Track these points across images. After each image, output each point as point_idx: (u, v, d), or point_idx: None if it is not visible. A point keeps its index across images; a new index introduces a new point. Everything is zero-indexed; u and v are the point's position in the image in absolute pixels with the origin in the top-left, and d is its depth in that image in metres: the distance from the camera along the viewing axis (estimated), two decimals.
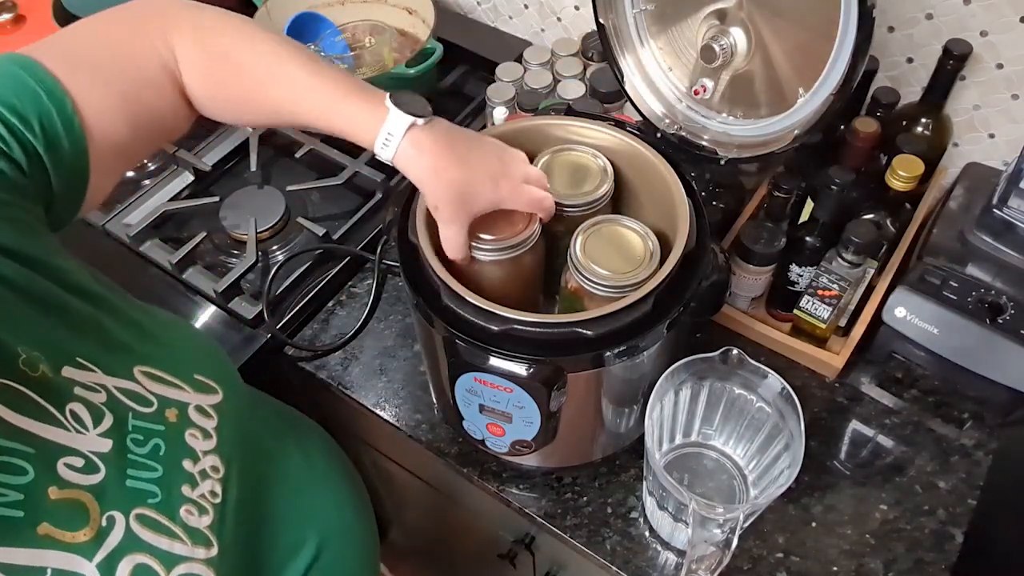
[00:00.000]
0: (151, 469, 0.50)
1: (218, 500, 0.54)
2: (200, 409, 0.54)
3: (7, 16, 1.18)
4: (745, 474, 0.76)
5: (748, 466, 0.76)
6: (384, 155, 0.58)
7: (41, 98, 0.48)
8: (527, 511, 0.78)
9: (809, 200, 0.85)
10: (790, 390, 0.67)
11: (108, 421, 0.48)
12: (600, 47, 0.81)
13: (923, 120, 0.86)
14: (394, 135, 0.57)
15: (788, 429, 0.68)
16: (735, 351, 0.69)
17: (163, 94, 0.56)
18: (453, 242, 0.62)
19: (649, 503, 0.74)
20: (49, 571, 0.43)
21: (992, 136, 0.91)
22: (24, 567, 0.42)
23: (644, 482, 0.76)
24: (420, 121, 0.58)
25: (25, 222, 0.48)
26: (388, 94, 0.59)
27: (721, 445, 0.78)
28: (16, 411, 0.44)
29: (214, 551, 0.52)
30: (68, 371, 0.47)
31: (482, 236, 0.65)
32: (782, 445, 0.69)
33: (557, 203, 0.69)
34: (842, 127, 0.87)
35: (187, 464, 0.52)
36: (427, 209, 0.67)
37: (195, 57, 0.56)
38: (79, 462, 0.46)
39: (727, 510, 0.60)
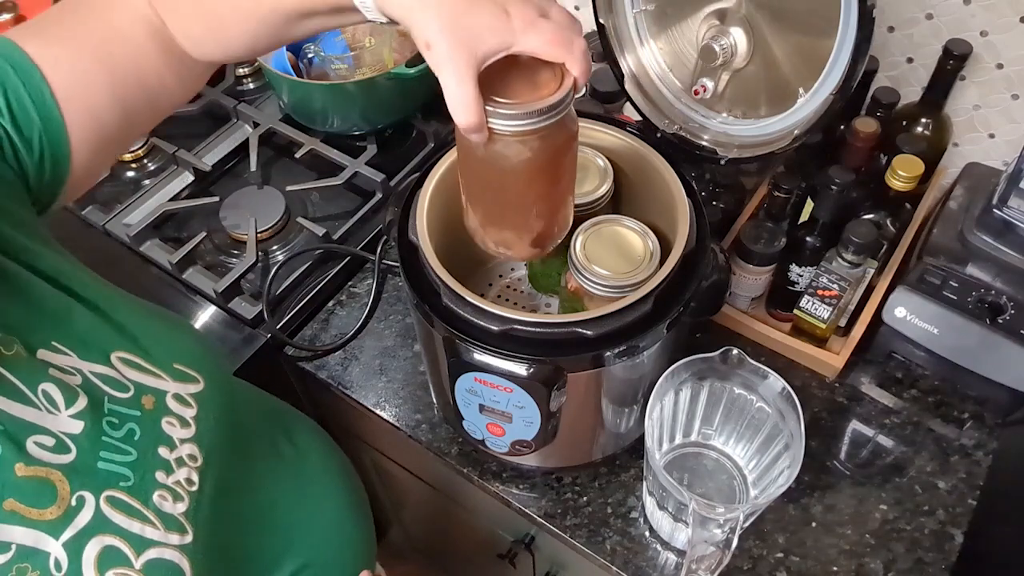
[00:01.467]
0: (125, 453, 0.49)
1: (194, 488, 0.53)
2: (179, 397, 0.54)
3: (7, 16, 1.18)
4: (745, 474, 0.76)
5: (748, 466, 0.76)
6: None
7: (7, 73, 0.47)
8: (527, 511, 0.78)
9: (809, 200, 0.85)
10: (790, 390, 0.67)
11: (82, 403, 0.48)
12: (600, 47, 0.81)
13: (923, 120, 0.86)
14: None
15: (788, 429, 0.68)
16: (735, 351, 0.69)
17: (143, 51, 0.54)
18: (458, 96, 0.48)
19: (649, 503, 0.74)
20: (14, 547, 0.43)
21: (992, 136, 0.91)
22: None
23: (644, 482, 0.76)
24: None
25: (2, 208, 0.48)
26: None
27: (721, 445, 0.78)
28: None
29: (188, 538, 0.51)
30: (43, 353, 0.47)
31: (500, 99, 0.50)
32: (782, 445, 0.69)
33: None
34: (842, 127, 0.87)
35: (163, 451, 0.52)
36: (427, 205, 0.66)
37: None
38: (49, 441, 0.46)
39: (727, 510, 0.60)
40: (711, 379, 0.72)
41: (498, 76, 0.49)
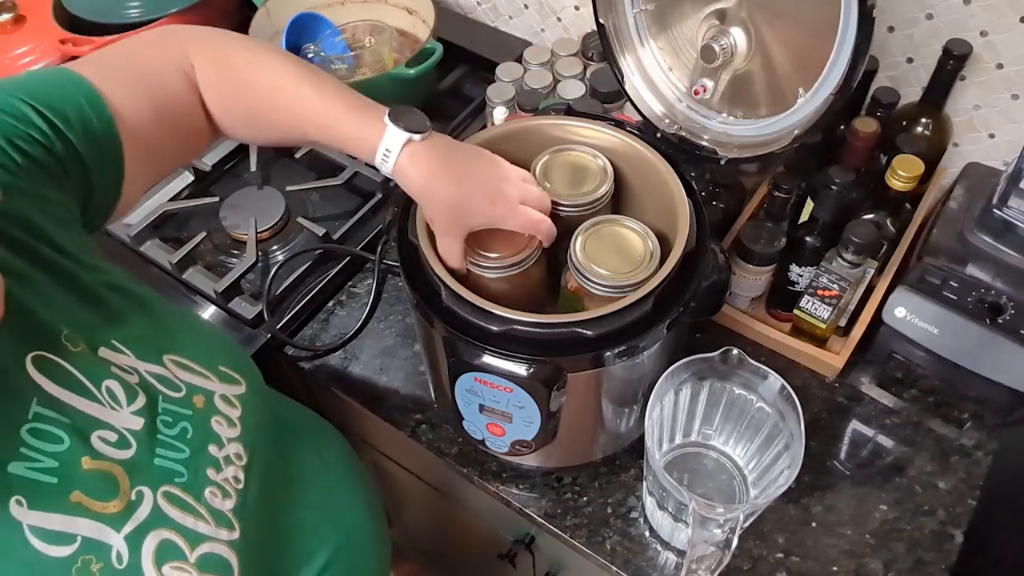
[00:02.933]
0: (178, 450, 0.51)
1: (240, 486, 0.55)
2: (225, 398, 0.57)
3: (7, 16, 1.18)
4: (745, 474, 0.76)
5: (748, 466, 0.76)
6: (384, 169, 0.61)
7: (81, 103, 0.53)
8: (527, 511, 0.78)
9: (809, 200, 0.85)
10: (790, 390, 0.67)
11: (141, 401, 0.50)
12: (600, 47, 0.81)
13: (923, 120, 0.86)
14: (392, 151, 0.59)
15: (788, 429, 0.68)
16: (735, 351, 0.69)
17: (185, 100, 0.60)
18: (448, 253, 0.64)
19: (649, 503, 0.74)
20: (79, 538, 0.44)
21: (992, 136, 0.91)
22: (57, 532, 0.44)
23: (644, 482, 0.76)
24: (417, 137, 0.60)
25: (64, 219, 0.51)
26: (388, 110, 0.60)
27: (721, 445, 0.78)
28: (56, 383, 0.46)
29: (236, 534, 0.53)
30: (104, 352, 0.50)
31: (481, 252, 0.66)
32: (782, 445, 0.69)
33: (557, 203, 0.69)
34: (842, 127, 0.87)
35: (212, 449, 0.54)
36: None
37: (211, 74, 0.61)
38: (112, 436, 0.48)
39: (727, 510, 0.60)
40: (711, 379, 0.72)
41: (486, 232, 0.65)
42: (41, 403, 0.45)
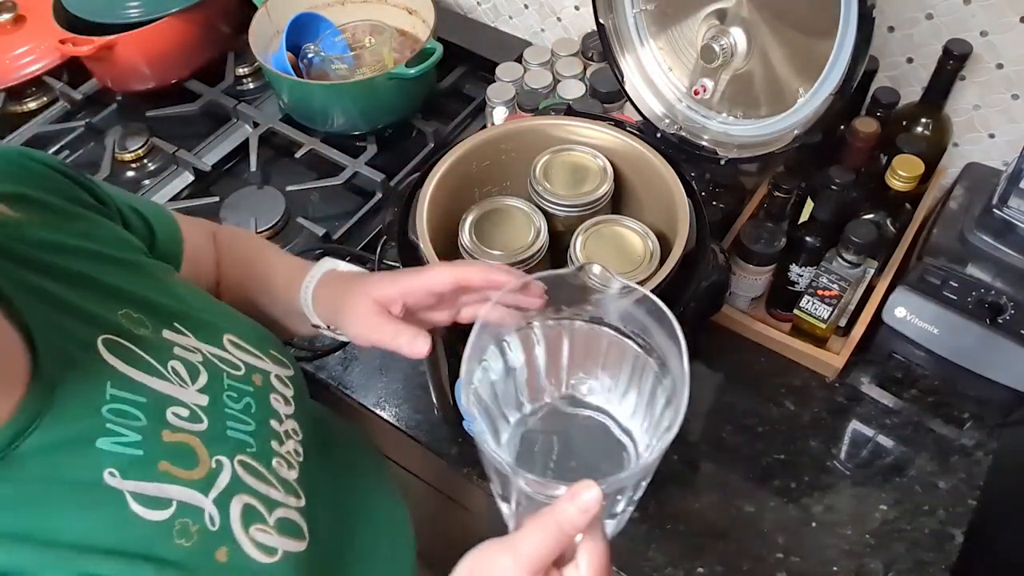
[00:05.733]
0: (245, 423, 0.55)
1: (301, 459, 0.58)
2: (279, 378, 0.61)
3: (7, 16, 1.18)
4: (629, 429, 0.53)
5: (632, 418, 0.53)
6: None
7: (175, 229, 0.67)
8: None
9: (809, 200, 0.85)
10: (643, 291, 0.47)
11: (204, 378, 0.54)
12: (600, 47, 0.81)
13: (923, 120, 0.86)
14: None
15: (657, 350, 0.49)
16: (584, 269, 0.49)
17: (211, 262, 0.73)
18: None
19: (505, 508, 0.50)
20: (174, 503, 0.47)
21: (992, 136, 0.91)
22: (153, 497, 0.46)
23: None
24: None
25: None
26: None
27: (591, 399, 0.55)
28: (128, 364, 0.50)
29: (302, 502, 0.56)
30: (168, 334, 0.54)
31: (485, 250, 0.62)
32: (653, 375, 0.50)
33: (557, 203, 0.69)
34: (842, 127, 0.87)
35: (274, 423, 0.57)
36: (427, 205, 0.67)
37: (221, 256, 0.73)
38: (184, 412, 0.51)
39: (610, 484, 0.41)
40: (540, 321, 0.53)
41: (490, 229, 0.67)
42: (116, 384, 0.48)
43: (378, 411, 0.86)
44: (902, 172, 0.77)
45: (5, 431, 0.42)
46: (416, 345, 0.54)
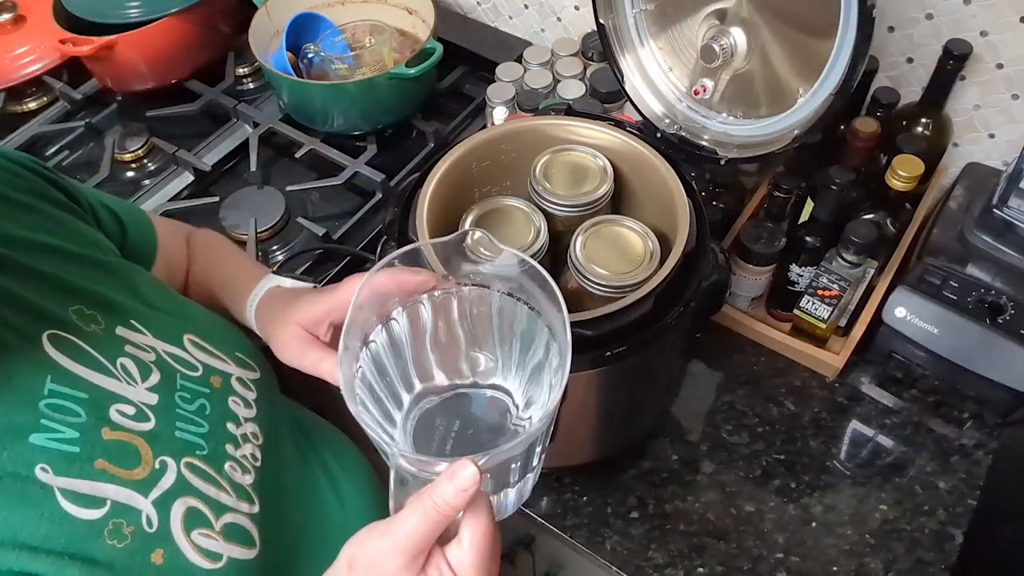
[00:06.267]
0: (198, 424, 0.54)
1: (258, 463, 0.57)
2: (241, 381, 0.60)
3: (7, 16, 1.18)
4: (518, 402, 0.52)
5: (520, 389, 0.52)
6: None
7: (149, 229, 0.71)
8: (527, 511, 0.78)
9: (809, 200, 0.85)
10: (524, 257, 0.48)
11: (155, 377, 0.53)
12: (600, 47, 0.81)
13: (923, 120, 0.86)
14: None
15: (545, 315, 0.48)
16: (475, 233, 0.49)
17: (184, 262, 0.76)
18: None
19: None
20: (109, 502, 0.46)
21: (992, 136, 0.91)
22: (86, 495, 0.46)
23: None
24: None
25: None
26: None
27: (490, 376, 0.53)
28: (72, 359, 0.49)
29: (256, 508, 0.55)
30: (122, 331, 0.54)
31: (484, 252, 0.50)
32: (544, 340, 0.50)
33: (557, 203, 0.69)
34: (842, 127, 0.87)
35: (231, 426, 0.56)
36: (427, 205, 0.67)
37: (193, 258, 0.76)
38: (130, 410, 0.51)
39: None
40: (426, 297, 0.52)
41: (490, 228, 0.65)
42: (57, 378, 0.48)
43: None
44: (902, 172, 0.77)
45: None
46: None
